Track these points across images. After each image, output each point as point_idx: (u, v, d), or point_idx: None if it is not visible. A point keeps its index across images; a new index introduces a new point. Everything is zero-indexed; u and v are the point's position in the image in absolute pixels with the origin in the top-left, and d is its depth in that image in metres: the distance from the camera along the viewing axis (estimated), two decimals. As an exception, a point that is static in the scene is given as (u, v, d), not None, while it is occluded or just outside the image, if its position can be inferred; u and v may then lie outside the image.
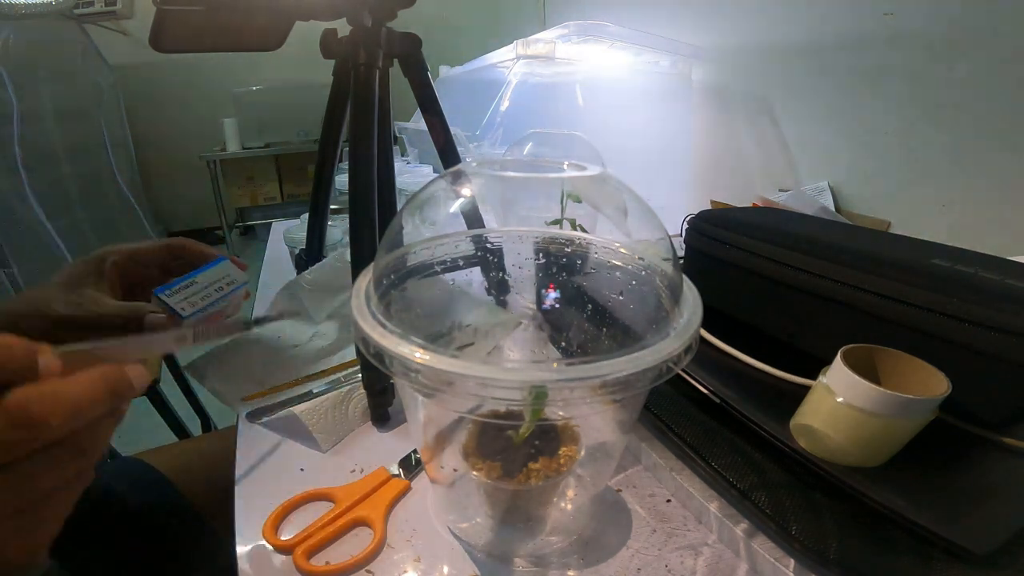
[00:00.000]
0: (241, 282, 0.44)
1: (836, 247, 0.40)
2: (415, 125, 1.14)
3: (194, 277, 0.41)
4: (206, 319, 0.42)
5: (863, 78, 0.74)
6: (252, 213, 3.08)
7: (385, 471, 0.37)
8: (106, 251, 0.41)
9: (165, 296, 0.39)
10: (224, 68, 2.82)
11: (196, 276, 0.42)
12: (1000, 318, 0.31)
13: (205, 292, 0.41)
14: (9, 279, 1.53)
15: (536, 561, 0.31)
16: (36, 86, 1.80)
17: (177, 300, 0.39)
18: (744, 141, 0.97)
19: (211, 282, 0.42)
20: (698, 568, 0.31)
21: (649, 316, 0.31)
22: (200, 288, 0.41)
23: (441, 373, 0.21)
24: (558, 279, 0.35)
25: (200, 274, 0.42)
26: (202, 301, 0.41)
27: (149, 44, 0.44)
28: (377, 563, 0.31)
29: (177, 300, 0.39)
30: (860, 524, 0.29)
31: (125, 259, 0.41)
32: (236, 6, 0.44)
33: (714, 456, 0.34)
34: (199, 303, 0.41)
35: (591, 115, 0.88)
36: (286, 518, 0.34)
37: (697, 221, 0.52)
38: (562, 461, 0.29)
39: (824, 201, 0.78)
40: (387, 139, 0.48)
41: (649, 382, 0.23)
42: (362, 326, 0.24)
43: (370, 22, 0.43)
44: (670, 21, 1.08)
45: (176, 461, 0.52)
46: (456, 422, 0.32)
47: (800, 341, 0.43)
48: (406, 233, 0.33)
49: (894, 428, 0.29)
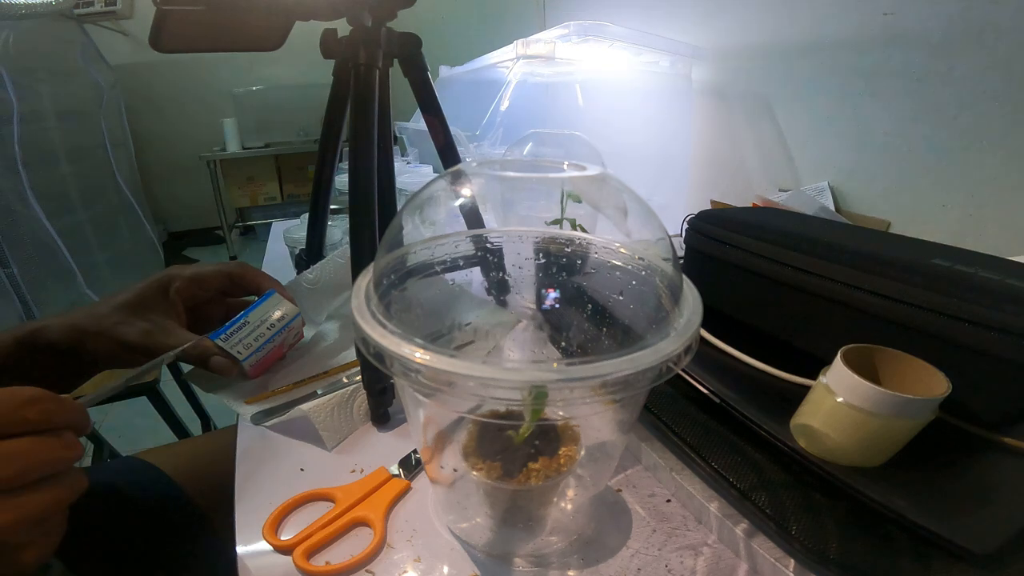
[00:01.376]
0: (293, 315, 0.45)
1: (836, 247, 0.40)
2: (415, 125, 1.14)
3: (245, 317, 0.42)
4: (266, 356, 0.44)
5: (863, 78, 0.74)
6: (252, 213, 3.08)
7: (385, 471, 0.37)
8: (170, 275, 0.42)
9: (221, 341, 0.40)
10: (224, 68, 2.82)
11: (247, 316, 0.42)
12: (1000, 318, 0.31)
13: (258, 332, 0.43)
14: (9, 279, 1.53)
15: (536, 561, 0.31)
16: (36, 86, 1.80)
17: (233, 344, 0.41)
18: (744, 141, 0.96)
19: (262, 320, 0.43)
20: (698, 568, 0.31)
21: (649, 316, 0.31)
22: (252, 328, 0.42)
23: (441, 373, 0.21)
24: (558, 279, 0.35)
25: (251, 312, 0.43)
26: (256, 342, 0.42)
27: (149, 44, 0.44)
28: (377, 563, 0.31)
29: (233, 344, 0.41)
30: (860, 524, 0.29)
31: (188, 284, 0.42)
32: (236, 6, 0.44)
33: (714, 456, 0.34)
34: (253, 344, 0.42)
35: (591, 115, 0.88)
36: (286, 518, 0.34)
37: (697, 221, 0.51)
38: (562, 461, 0.29)
39: (824, 201, 0.78)
40: (387, 139, 0.48)
41: (649, 382, 0.23)
42: (362, 326, 0.24)
43: (370, 22, 0.43)
44: (670, 21, 1.08)
45: (176, 461, 0.52)
46: (456, 422, 0.32)
47: (800, 341, 0.43)
48: (406, 233, 0.33)
49: (894, 428, 0.29)
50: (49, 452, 0.24)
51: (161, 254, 2.53)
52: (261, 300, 0.44)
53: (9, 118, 1.64)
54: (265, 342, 0.43)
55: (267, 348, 0.43)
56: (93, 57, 2.16)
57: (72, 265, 1.78)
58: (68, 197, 1.92)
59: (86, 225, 1.97)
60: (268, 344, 0.43)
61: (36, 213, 1.69)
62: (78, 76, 2.08)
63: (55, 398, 0.25)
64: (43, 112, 1.83)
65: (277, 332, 0.44)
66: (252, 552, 0.32)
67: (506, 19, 2.00)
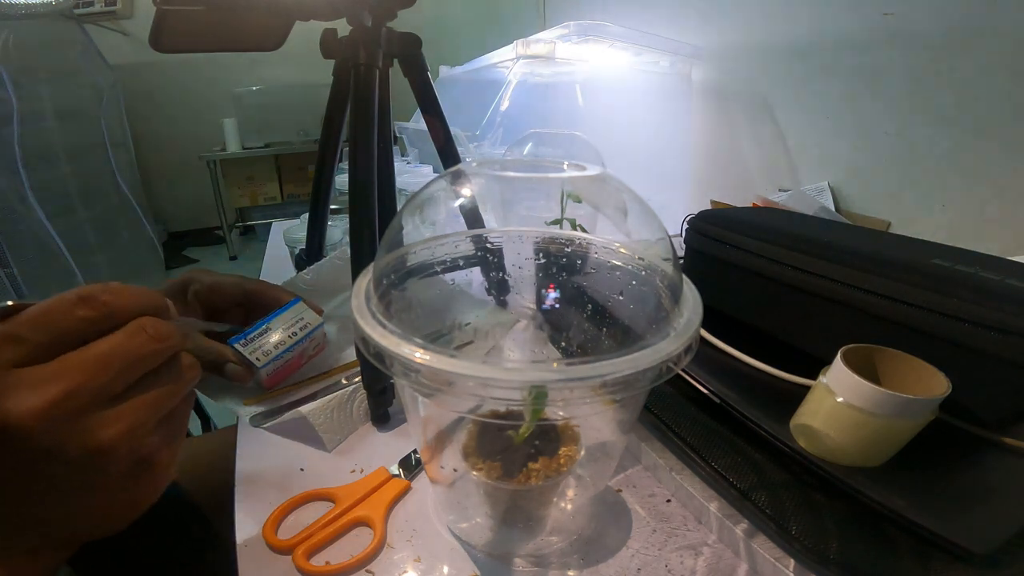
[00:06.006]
0: (317, 324, 0.44)
1: (836, 247, 0.40)
2: (415, 125, 1.14)
3: (268, 323, 0.41)
4: (285, 365, 0.42)
5: (863, 78, 0.74)
6: (252, 213, 3.08)
7: (385, 471, 0.37)
8: (191, 277, 0.41)
9: (240, 346, 0.39)
10: (224, 68, 2.82)
11: (270, 322, 0.42)
12: (1000, 318, 0.31)
13: (279, 340, 0.41)
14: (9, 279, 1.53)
15: (536, 561, 0.31)
16: (36, 86, 1.80)
17: (251, 350, 0.40)
18: (744, 141, 0.96)
19: (285, 328, 0.42)
20: (698, 568, 0.31)
21: (649, 316, 0.31)
22: (274, 335, 0.41)
23: (441, 373, 0.21)
24: (558, 279, 0.35)
25: (274, 319, 0.42)
26: (275, 349, 0.41)
27: (149, 44, 0.44)
28: (377, 563, 0.31)
29: (251, 350, 0.40)
30: (860, 524, 0.29)
31: (207, 290, 0.41)
32: (236, 6, 0.44)
33: (714, 456, 0.34)
34: (273, 351, 0.41)
35: (591, 115, 0.88)
36: (286, 518, 0.34)
37: (697, 221, 0.51)
38: (562, 461, 0.29)
39: (824, 201, 0.78)
40: (387, 139, 0.48)
41: (649, 382, 0.23)
42: (362, 326, 0.24)
43: (370, 22, 0.43)
44: (670, 21, 1.08)
45: None
46: (456, 422, 0.32)
47: (800, 341, 0.43)
48: (406, 233, 0.33)
49: (894, 428, 0.29)
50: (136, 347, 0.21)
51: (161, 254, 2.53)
52: (286, 307, 0.43)
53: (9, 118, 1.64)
54: (285, 350, 0.41)
55: (286, 357, 0.42)
56: (93, 57, 2.16)
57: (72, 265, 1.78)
58: (68, 197, 1.92)
59: (86, 225, 1.97)
60: (288, 353, 0.42)
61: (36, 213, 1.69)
62: (78, 76, 2.08)
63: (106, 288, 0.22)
64: (43, 112, 1.83)
65: (299, 341, 0.42)
66: (252, 552, 0.32)
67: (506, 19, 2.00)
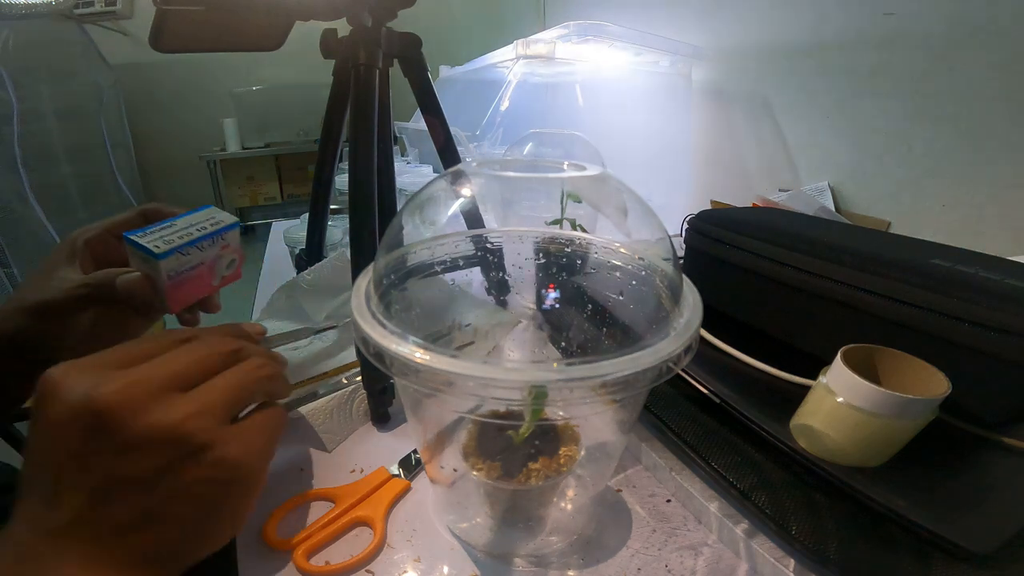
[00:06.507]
0: (230, 222, 0.37)
1: (836, 247, 0.40)
2: (415, 125, 1.14)
3: (173, 221, 0.35)
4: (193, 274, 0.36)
5: (863, 78, 0.74)
6: (252, 213, 3.08)
7: (385, 471, 0.37)
8: (79, 231, 0.38)
9: (137, 237, 0.33)
10: (224, 68, 2.81)
11: (176, 220, 0.36)
12: (1000, 318, 0.31)
13: (186, 231, 0.35)
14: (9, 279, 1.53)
15: (536, 561, 0.31)
16: (36, 86, 1.80)
17: (150, 240, 0.33)
18: (744, 141, 0.96)
19: (193, 223, 0.36)
20: (698, 568, 0.31)
21: (649, 316, 0.31)
22: (180, 229, 0.35)
23: (441, 373, 0.21)
24: (558, 279, 0.35)
25: (181, 218, 0.36)
26: (179, 239, 0.34)
27: (149, 44, 0.44)
28: (377, 563, 0.31)
29: (150, 240, 0.33)
30: (860, 524, 0.29)
31: (99, 235, 0.37)
32: (236, 6, 0.44)
33: (714, 456, 0.34)
34: (176, 241, 0.34)
35: (591, 115, 0.88)
36: (286, 518, 0.34)
37: (697, 221, 0.51)
38: (562, 461, 0.29)
39: (824, 201, 0.78)
40: (387, 139, 0.48)
41: (649, 382, 0.23)
42: (362, 326, 0.24)
43: (370, 22, 0.43)
44: (670, 21, 1.08)
45: None
46: (456, 422, 0.32)
47: (800, 341, 0.43)
48: (406, 233, 0.33)
49: (894, 428, 0.29)
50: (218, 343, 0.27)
51: (161, 254, 2.53)
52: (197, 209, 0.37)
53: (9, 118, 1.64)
54: (190, 243, 0.34)
55: (192, 254, 0.35)
56: (93, 57, 2.16)
57: (72, 265, 1.78)
58: (68, 197, 1.93)
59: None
60: (193, 247, 0.34)
61: (36, 213, 1.69)
62: (78, 76, 2.08)
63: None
64: (43, 112, 1.84)
65: (206, 236, 0.35)
66: (252, 552, 0.32)
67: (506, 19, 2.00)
